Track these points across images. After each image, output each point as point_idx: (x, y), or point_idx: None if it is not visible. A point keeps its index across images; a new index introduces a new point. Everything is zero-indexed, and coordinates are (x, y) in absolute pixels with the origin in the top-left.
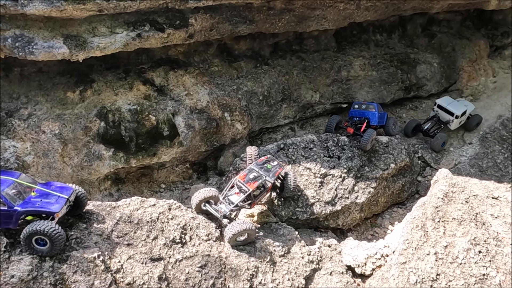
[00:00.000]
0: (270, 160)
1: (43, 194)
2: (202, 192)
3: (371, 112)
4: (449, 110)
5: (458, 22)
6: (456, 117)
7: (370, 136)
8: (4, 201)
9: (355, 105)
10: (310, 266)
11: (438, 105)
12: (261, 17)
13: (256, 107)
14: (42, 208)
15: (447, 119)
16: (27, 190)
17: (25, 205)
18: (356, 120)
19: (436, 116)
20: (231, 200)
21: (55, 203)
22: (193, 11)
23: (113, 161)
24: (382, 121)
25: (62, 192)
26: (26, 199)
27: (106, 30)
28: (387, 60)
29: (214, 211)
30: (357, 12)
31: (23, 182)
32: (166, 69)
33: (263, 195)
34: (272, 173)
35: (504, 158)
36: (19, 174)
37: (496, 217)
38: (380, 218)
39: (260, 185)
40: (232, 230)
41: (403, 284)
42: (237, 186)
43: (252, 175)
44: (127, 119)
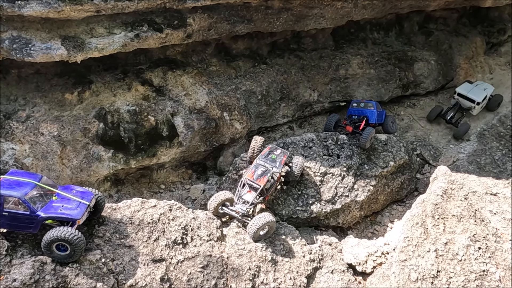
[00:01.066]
0: (273, 149)
1: (64, 199)
2: (217, 196)
3: (370, 110)
4: (469, 97)
5: (454, 20)
6: (477, 103)
7: (369, 134)
8: (26, 205)
9: (353, 103)
10: (311, 264)
11: (458, 93)
12: (259, 16)
13: (255, 106)
14: (64, 215)
15: (469, 105)
16: (48, 194)
17: (47, 210)
18: (355, 118)
19: (458, 103)
20: (246, 199)
21: (77, 209)
22: (191, 11)
23: (113, 162)
24: (380, 119)
25: (83, 197)
26: (48, 204)
27: (104, 30)
28: (384, 58)
29: (232, 213)
30: (354, 11)
31: (44, 185)
32: (164, 69)
33: (274, 186)
34: (278, 162)
35: (502, 154)
36: (40, 176)
37: (495, 213)
38: (380, 216)
39: (269, 178)
40: (255, 225)
41: (404, 281)
42: (248, 185)
43: (259, 171)
44: (126, 120)
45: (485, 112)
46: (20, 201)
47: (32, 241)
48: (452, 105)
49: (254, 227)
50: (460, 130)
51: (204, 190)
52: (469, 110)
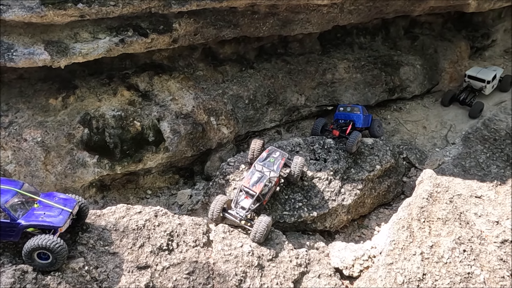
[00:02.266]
0: (271, 152)
1: (46, 207)
2: (219, 202)
3: (356, 115)
4: (479, 77)
5: (439, 24)
6: (488, 82)
7: (355, 138)
8: (7, 213)
9: (340, 107)
10: (298, 269)
11: (468, 75)
12: (246, 21)
13: (242, 111)
14: (46, 222)
15: (480, 86)
16: (30, 201)
17: (28, 218)
18: (342, 122)
19: (469, 86)
20: (243, 206)
21: (59, 216)
22: (176, 16)
23: (98, 168)
24: (367, 123)
25: (66, 205)
26: (29, 211)
27: (89, 35)
28: (371, 62)
29: (232, 218)
30: (340, 16)
31: (26, 193)
32: (150, 74)
33: (272, 190)
34: (276, 165)
35: (486, 157)
36: (22, 183)
37: (479, 215)
38: (367, 219)
39: (266, 183)
40: (260, 231)
41: (390, 284)
42: (244, 191)
43: (255, 177)
44: (111, 125)
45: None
46: (0, 209)
47: (12, 250)
48: (464, 87)
49: (259, 233)
50: (475, 109)
51: (191, 195)
52: (481, 91)
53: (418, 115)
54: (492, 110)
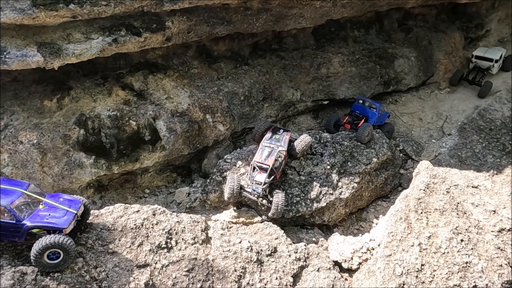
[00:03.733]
0: (276, 130)
1: (51, 208)
2: (236, 180)
3: (372, 112)
4: (487, 57)
5: (433, 16)
6: (495, 61)
7: (365, 129)
8: (12, 214)
9: (359, 100)
10: (297, 263)
11: (476, 56)
12: (239, 17)
13: (238, 107)
14: (51, 223)
15: (488, 65)
16: (35, 202)
17: (33, 219)
18: (355, 115)
19: (476, 66)
20: (258, 180)
21: (64, 217)
22: (169, 14)
23: (95, 168)
24: (380, 122)
25: (71, 206)
26: (34, 212)
27: (81, 36)
28: (365, 55)
29: (249, 195)
30: (333, 10)
31: (31, 194)
32: (145, 73)
33: (283, 165)
34: (283, 141)
35: (482, 147)
36: (28, 184)
37: (476, 205)
38: (365, 212)
39: (276, 157)
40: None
41: (389, 276)
42: (257, 167)
43: (266, 152)
44: (107, 125)
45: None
46: (6, 209)
47: (11, 252)
48: (472, 68)
49: (280, 207)
50: (485, 88)
51: (189, 193)
52: (488, 70)
53: (413, 107)
54: (487, 100)
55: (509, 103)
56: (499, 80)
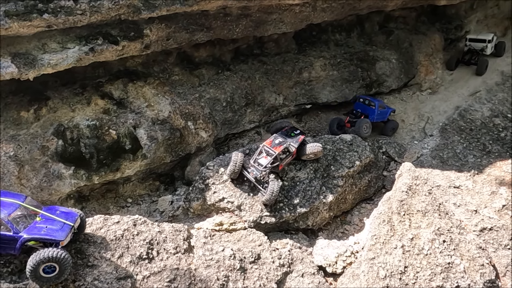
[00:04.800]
0: (292, 129)
1: (48, 220)
2: (239, 159)
3: (371, 109)
4: (480, 38)
5: (413, 18)
6: (488, 41)
7: (360, 124)
8: (10, 226)
9: (360, 98)
10: (281, 270)
11: (469, 39)
12: (218, 23)
13: (220, 113)
14: (48, 236)
15: (481, 46)
16: (32, 215)
17: (30, 231)
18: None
19: (470, 48)
20: (261, 163)
21: (61, 230)
22: (147, 22)
23: (74, 179)
24: (382, 118)
25: (67, 218)
26: (31, 225)
27: (57, 45)
28: (347, 59)
29: (248, 174)
30: (313, 14)
31: (28, 206)
32: (124, 81)
33: (288, 159)
34: (296, 139)
35: (463, 148)
36: (25, 197)
37: (458, 205)
38: (349, 215)
39: (285, 149)
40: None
41: (373, 279)
42: (265, 151)
43: (277, 141)
44: (86, 135)
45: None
46: (3, 221)
47: None
48: (466, 51)
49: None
50: (481, 66)
51: (172, 201)
52: (482, 51)
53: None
54: (467, 101)
55: (489, 103)
56: (478, 80)
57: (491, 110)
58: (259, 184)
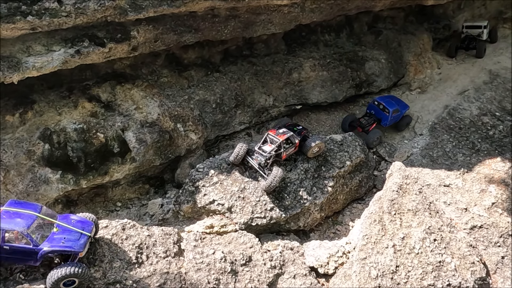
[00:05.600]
0: (295, 124)
1: (65, 231)
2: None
3: (384, 115)
4: (476, 24)
5: (402, 18)
6: (484, 27)
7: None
8: (29, 239)
9: (375, 101)
10: (272, 271)
11: (466, 26)
12: (207, 25)
13: (210, 115)
14: (67, 248)
15: (477, 32)
16: (49, 224)
17: (50, 244)
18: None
19: (467, 35)
20: (265, 150)
21: (78, 241)
22: (134, 23)
23: (62, 184)
24: (395, 120)
25: (84, 228)
26: (50, 236)
27: (42, 48)
28: (336, 59)
29: (251, 160)
30: (302, 15)
31: (45, 217)
32: (112, 83)
33: (291, 150)
34: (298, 133)
35: (452, 146)
36: (40, 206)
37: (448, 204)
38: (341, 216)
39: (288, 138)
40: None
41: (365, 279)
42: (269, 139)
43: (281, 130)
44: (74, 139)
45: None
46: (22, 235)
47: None
48: (463, 38)
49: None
50: (480, 49)
51: (162, 204)
52: (479, 36)
53: None
54: (456, 100)
55: (477, 102)
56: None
57: (480, 109)
58: (262, 170)
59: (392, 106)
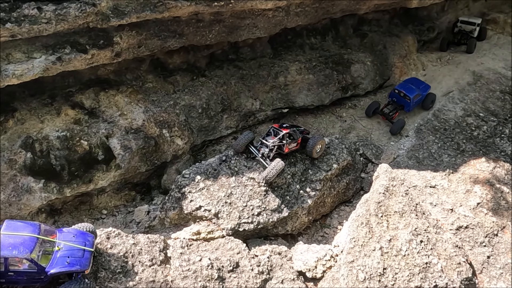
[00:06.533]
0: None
1: (68, 250)
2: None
3: (406, 102)
4: (471, 21)
5: (386, 21)
6: (477, 25)
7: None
8: (34, 264)
9: (395, 89)
10: (260, 277)
11: (461, 20)
12: (191, 30)
13: (196, 120)
14: (73, 268)
15: (470, 28)
16: (50, 242)
17: (56, 266)
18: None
19: (461, 30)
20: (267, 140)
21: (83, 258)
22: (117, 29)
23: (45, 192)
24: (418, 103)
25: (86, 243)
26: (53, 257)
27: (22, 55)
28: (322, 62)
29: (254, 150)
30: (287, 18)
31: (45, 238)
32: (96, 90)
33: (293, 145)
34: (300, 132)
35: (438, 147)
36: (38, 225)
37: (434, 205)
38: (329, 219)
39: (291, 132)
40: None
41: (353, 282)
42: (273, 131)
43: (285, 125)
44: (56, 147)
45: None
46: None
47: None
48: (456, 32)
49: (274, 171)
50: (470, 45)
51: (148, 211)
52: (470, 33)
53: None
54: (441, 101)
55: (461, 103)
56: (450, 80)
57: (464, 110)
58: (264, 160)
59: (413, 92)
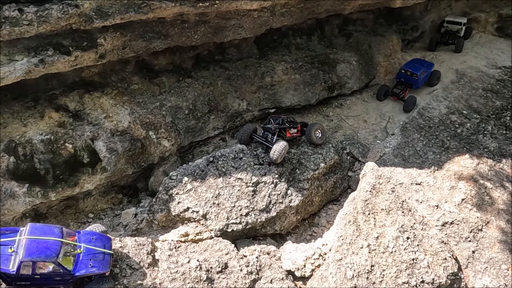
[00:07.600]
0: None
1: (89, 253)
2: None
3: (414, 79)
4: (457, 21)
5: (371, 21)
6: (464, 24)
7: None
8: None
9: (402, 69)
10: (249, 277)
11: (447, 20)
12: (176, 31)
13: (183, 121)
14: (96, 271)
15: (457, 28)
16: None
17: (80, 269)
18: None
19: (447, 30)
20: (269, 126)
21: (104, 261)
22: (101, 31)
23: (29, 197)
24: (424, 80)
25: (105, 246)
26: (77, 259)
27: (4, 58)
28: (308, 62)
29: (257, 137)
30: (272, 19)
31: (69, 241)
32: (80, 92)
33: (294, 131)
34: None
35: (423, 145)
36: (60, 229)
37: (420, 202)
38: (317, 217)
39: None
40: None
41: (341, 280)
42: (272, 119)
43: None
44: (40, 150)
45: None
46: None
47: None
48: (443, 32)
49: (278, 152)
50: (458, 44)
51: (136, 214)
52: (457, 33)
53: (358, 109)
54: (425, 99)
55: (445, 101)
56: None
57: (448, 108)
58: (269, 143)
59: (418, 69)
